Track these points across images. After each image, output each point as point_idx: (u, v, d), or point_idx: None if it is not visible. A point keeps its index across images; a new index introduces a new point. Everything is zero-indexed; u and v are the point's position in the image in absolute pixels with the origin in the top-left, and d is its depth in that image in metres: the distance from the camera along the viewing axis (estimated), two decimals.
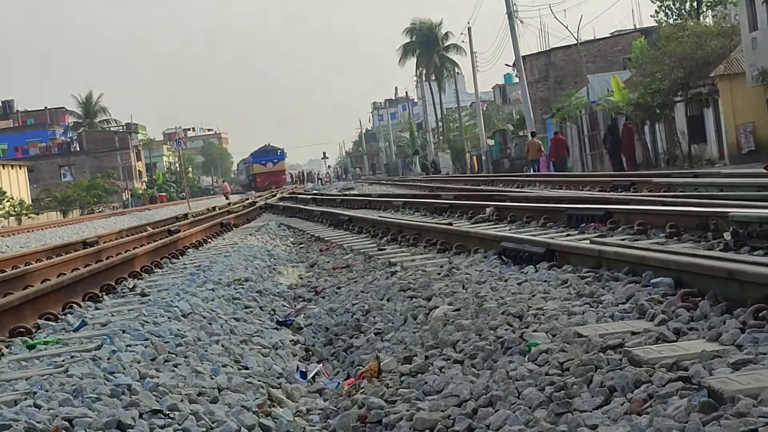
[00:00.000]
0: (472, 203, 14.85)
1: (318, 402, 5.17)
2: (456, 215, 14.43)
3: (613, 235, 8.45)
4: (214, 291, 8.56)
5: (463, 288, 6.47)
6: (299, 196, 36.72)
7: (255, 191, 74.91)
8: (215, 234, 18.28)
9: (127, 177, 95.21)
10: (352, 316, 7.12)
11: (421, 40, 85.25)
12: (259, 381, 5.34)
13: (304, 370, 5.93)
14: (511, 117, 75.48)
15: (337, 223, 16.99)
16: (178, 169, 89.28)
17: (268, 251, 13.57)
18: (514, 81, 73.33)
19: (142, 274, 10.66)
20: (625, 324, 4.35)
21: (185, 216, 29.59)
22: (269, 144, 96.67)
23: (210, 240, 16.58)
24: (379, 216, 15.86)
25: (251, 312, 7.91)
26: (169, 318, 6.79)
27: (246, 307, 8.08)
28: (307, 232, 17.14)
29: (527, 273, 6.54)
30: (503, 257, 7.55)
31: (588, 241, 7.14)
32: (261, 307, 8.26)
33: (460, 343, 4.87)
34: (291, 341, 6.89)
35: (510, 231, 10.14)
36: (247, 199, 46.61)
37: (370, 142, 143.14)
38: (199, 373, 5.18)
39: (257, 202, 35.67)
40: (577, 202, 11.57)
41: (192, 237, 16.06)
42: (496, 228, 11.06)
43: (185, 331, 6.30)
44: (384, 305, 7.04)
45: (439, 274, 7.47)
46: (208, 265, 10.86)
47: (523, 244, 7.37)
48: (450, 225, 11.32)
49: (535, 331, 4.56)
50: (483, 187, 26.19)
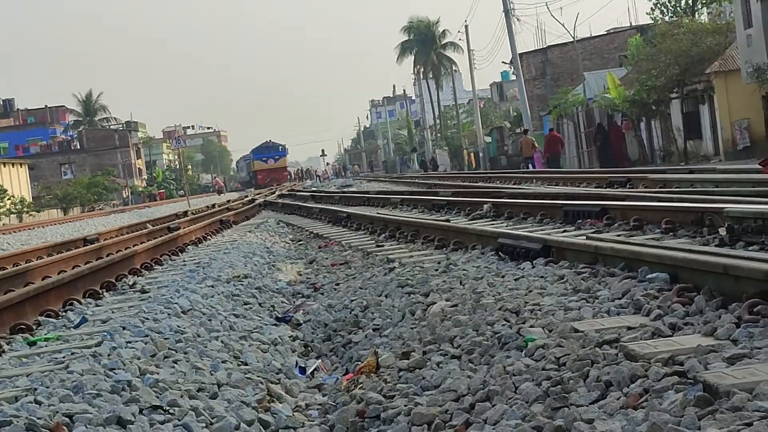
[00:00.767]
0: (470, 200, 14.83)
1: (317, 397, 5.17)
2: (453, 212, 14.42)
3: (609, 231, 8.44)
4: (213, 288, 8.56)
5: (461, 284, 6.46)
6: (298, 194, 36.72)
7: (255, 188, 74.65)
8: (215, 231, 18.28)
9: (127, 175, 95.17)
10: (351, 312, 7.12)
11: (419, 38, 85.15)
12: (258, 377, 5.34)
13: (303, 366, 5.94)
14: (508, 114, 75.43)
15: (336, 220, 16.99)
16: (178, 166, 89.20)
17: (267, 248, 13.56)
18: (511, 78, 73.18)
19: (142, 271, 10.65)
20: (621, 319, 4.35)
21: (185, 213, 29.55)
22: (270, 140, 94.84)
23: (209, 237, 16.57)
24: (377, 213, 15.85)
25: (250, 308, 7.92)
26: (168, 314, 6.79)
27: (245, 304, 8.08)
28: (306, 229, 17.14)
29: (524, 269, 6.54)
30: (500, 253, 7.54)
31: (584, 237, 7.13)
32: (260, 304, 8.26)
33: (458, 338, 4.87)
34: (290, 337, 6.89)
35: (507, 227, 10.13)
36: (246, 196, 46.57)
37: (369, 139, 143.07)
38: (198, 369, 5.19)
39: (256, 200, 35.65)
40: (573, 199, 11.57)
41: (192, 234, 16.06)
42: (493, 224, 11.05)
43: (185, 328, 6.30)
44: (382, 301, 7.04)
45: (436, 271, 7.47)
46: (208, 262, 10.85)
47: (520, 241, 7.37)
48: (447, 222, 11.31)
49: (531, 326, 4.56)
50: (480, 184, 26.17)
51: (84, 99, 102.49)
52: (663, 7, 43.75)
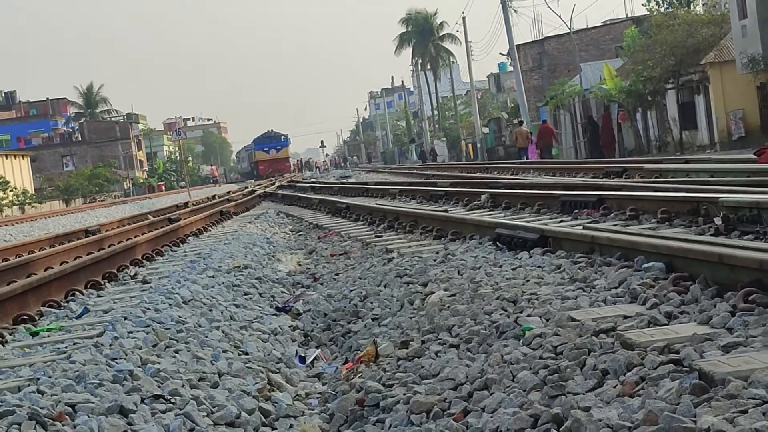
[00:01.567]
0: (468, 190, 14.82)
1: (317, 386, 5.17)
2: (451, 202, 14.41)
3: (605, 221, 8.44)
4: (214, 278, 8.56)
5: (459, 274, 6.46)
6: (297, 185, 36.68)
7: (255, 179, 74.13)
8: (215, 222, 18.27)
9: (128, 166, 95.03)
10: (350, 302, 7.12)
11: (417, 29, 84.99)
12: (258, 366, 5.34)
13: (303, 355, 5.94)
14: (505, 105, 75.37)
15: (335, 211, 16.98)
16: (179, 158, 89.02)
17: (267, 239, 13.56)
18: (509, 70, 73.13)
19: (144, 261, 10.65)
20: (617, 308, 4.35)
21: (185, 204, 29.55)
22: (272, 130, 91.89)
23: (210, 228, 16.56)
24: (376, 203, 15.84)
25: (251, 298, 7.92)
26: (170, 305, 6.79)
27: (246, 294, 8.08)
28: (306, 219, 17.13)
29: (521, 259, 6.54)
30: (498, 243, 7.54)
31: (581, 227, 7.13)
32: (260, 294, 8.26)
33: (456, 327, 4.88)
34: (290, 327, 6.89)
35: (504, 217, 10.13)
36: (246, 187, 46.54)
37: (367, 130, 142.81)
38: (199, 359, 5.19)
39: (256, 191, 35.63)
40: (570, 189, 11.56)
41: (192, 225, 16.05)
42: (490, 215, 11.05)
43: (186, 318, 6.30)
44: (381, 291, 7.04)
45: (435, 261, 7.47)
46: (209, 253, 10.85)
47: (518, 231, 7.36)
48: (446, 212, 11.31)
49: (529, 315, 4.56)
50: (478, 174, 26.14)
51: (85, 91, 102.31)
52: None
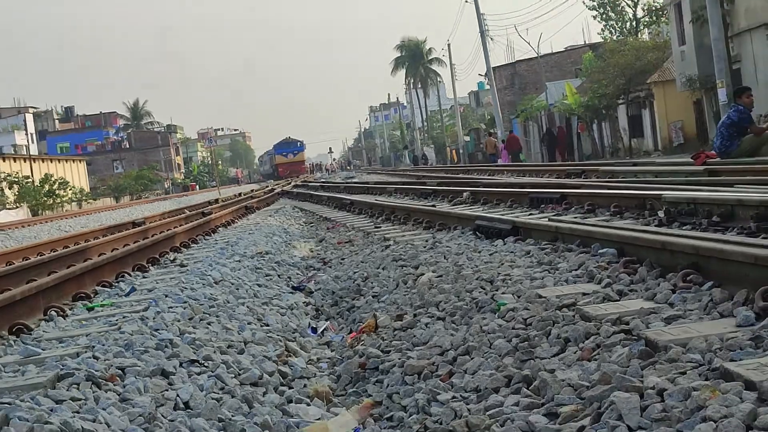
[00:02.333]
0: (452, 189, 14.80)
1: (326, 352, 5.17)
2: (438, 198, 14.39)
3: (567, 214, 8.43)
4: (240, 262, 8.55)
5: (445, 258, 6.46)
6: (310, 184, 36.62)
7: (274, 180, 74.17)
8: (241, 215, 18.23)
9: (168, 169, 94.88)
10: (354, 282, 7.11)
11: (409, 54, 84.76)
12: (277, 336, 5.34)
13: (315, 326, 5.93)
14: (483, 117, 75.22)
15: (341, 206, 16.96)
16: (210, 162, 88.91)
17: (285, 229, 13.54)
18: (486, 88, 72.97)
19: (181, 248, 10.63)
20: (577, 287, 4.34)
21: (216, 201, 29.49)
22: (290, 137, 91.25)
23: (237, 220, 16.53)
24: (376, 200, 15.81)
25: (271, 279, 7.91)
26: (203, 284, 6.78)
27: (267, 275, 8.07)
28: (317, 213, 17.11)
29: (497, 246, 6.53)
30: (477, 233, 7.53)
31: (547, 219, 7.13)
32: (279, 275, 8.25)
33: (443, 303, 4.87)
34: (304, 303, 6.89)
35: (483, 211, 10.12)
36: (266, 186, 46.44)
37: (368, 139, 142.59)
38: (228, 330, 5.18)
39: (275, 189, 35.56)
40: (537, 187, 11.54)
41: (222, 218, 16.02)
42: (471, 209, 11.03)
43: (217, 295, 6.30)
44: (380, 273, 7.04)
45: (425, 247, 7.46)
46: (235, 241, 10.83)
47: (494, 222, 7.36)
48: (434, 207, 11.30)
49: (503, 293, 4.56)
50: (461, 175, 26.07)
51: (132, 106, 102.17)
52: (611, 28, 43.81)
